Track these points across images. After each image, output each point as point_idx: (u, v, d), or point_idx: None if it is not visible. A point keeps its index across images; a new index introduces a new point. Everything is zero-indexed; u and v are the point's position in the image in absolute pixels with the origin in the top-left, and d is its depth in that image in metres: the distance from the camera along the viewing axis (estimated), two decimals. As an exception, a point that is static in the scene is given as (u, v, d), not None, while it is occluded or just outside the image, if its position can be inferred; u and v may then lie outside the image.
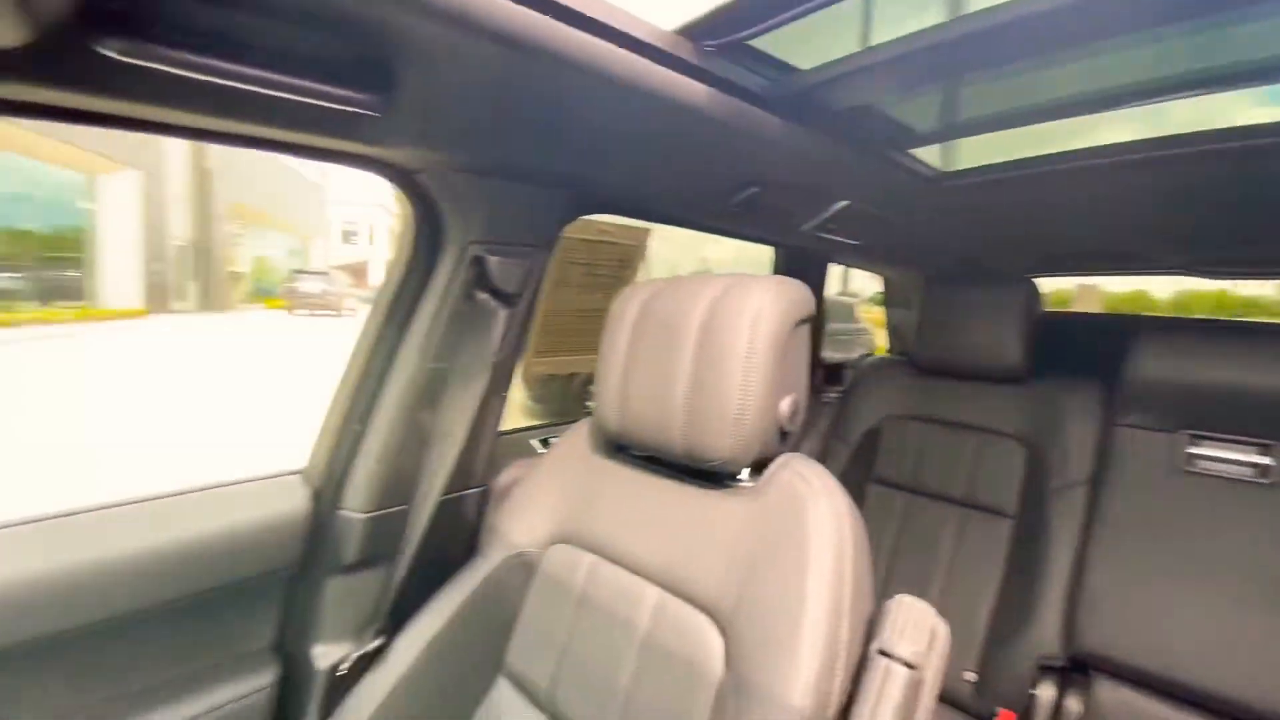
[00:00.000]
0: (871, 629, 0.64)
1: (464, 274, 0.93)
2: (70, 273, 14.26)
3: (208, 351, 10.24)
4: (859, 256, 1.84)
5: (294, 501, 0.93)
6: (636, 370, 0.81)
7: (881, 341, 2.32)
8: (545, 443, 1.29)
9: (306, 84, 0.60)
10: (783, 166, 1.00)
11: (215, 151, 17.41)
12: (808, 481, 0.69)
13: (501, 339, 0.98)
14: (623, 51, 0.68)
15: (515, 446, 1.25)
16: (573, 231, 1.04)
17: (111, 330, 11.99)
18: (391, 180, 0.86)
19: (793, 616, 0.59)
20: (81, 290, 14.43)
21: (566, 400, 1.70)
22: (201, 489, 0.91)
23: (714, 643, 0.66)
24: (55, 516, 0.79)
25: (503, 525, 0.92)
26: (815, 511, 0.65)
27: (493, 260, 0.92)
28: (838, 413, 1.66)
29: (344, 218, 35.49)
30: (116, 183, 14.51)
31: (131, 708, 0.82)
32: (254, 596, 0.92)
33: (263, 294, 23.37)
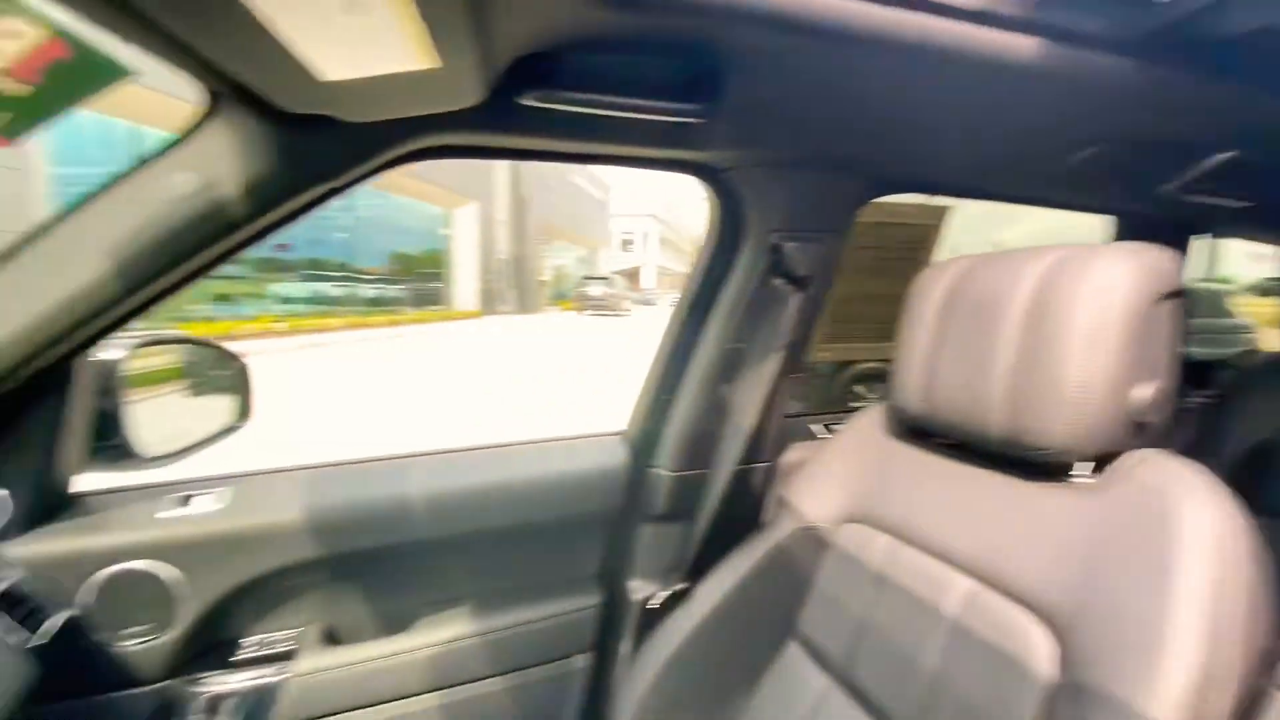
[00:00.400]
0: (1273, 663, 0.52)
1: (762, 261, 0.99)
2: (434, 284, 18.68)
3: (535, 342, 12.44)
4: (1250, 225, 1.42)
5: (616, 457, 1.12)
6: (944, 351, 0.77)
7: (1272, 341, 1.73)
8: (828, 428, 1.30)
9: (649, 103, 0.72)
10: (1137, 117, 0.84)
11: (528, 179, 21.05)
12: (1177, 478, 0.58)
13: (794, 323, 1.02)
14: (940, 20, 0.66)
15: (795, 430, 1.29)
16: (863, 215, 1.04)
17: (462, 327, 15.37)
18: (702, 179, 0.97)
19: (1153, 626, 0.51)
20: (441, 297, 18.80)
21: (830, 393, 1.67)
22: (548, 440, 1.16)
23: (1041, 643, 0.61)
24: (452, 451, 1.08)
25: (793, 499, 0.96)
26: (1185, 511, 0.55)
27: (789, 247, 0.97)
28: (1208, 421, 1.31)
29: (622, 229, 39.64)
30: (464, 213, 18.54)
31: (494, 601, 1.08)
32: (583, 532, 1.12)
33: (558, 298, 27.48)
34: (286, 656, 0.90)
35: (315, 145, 0.70)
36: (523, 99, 0.69)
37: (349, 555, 0.94)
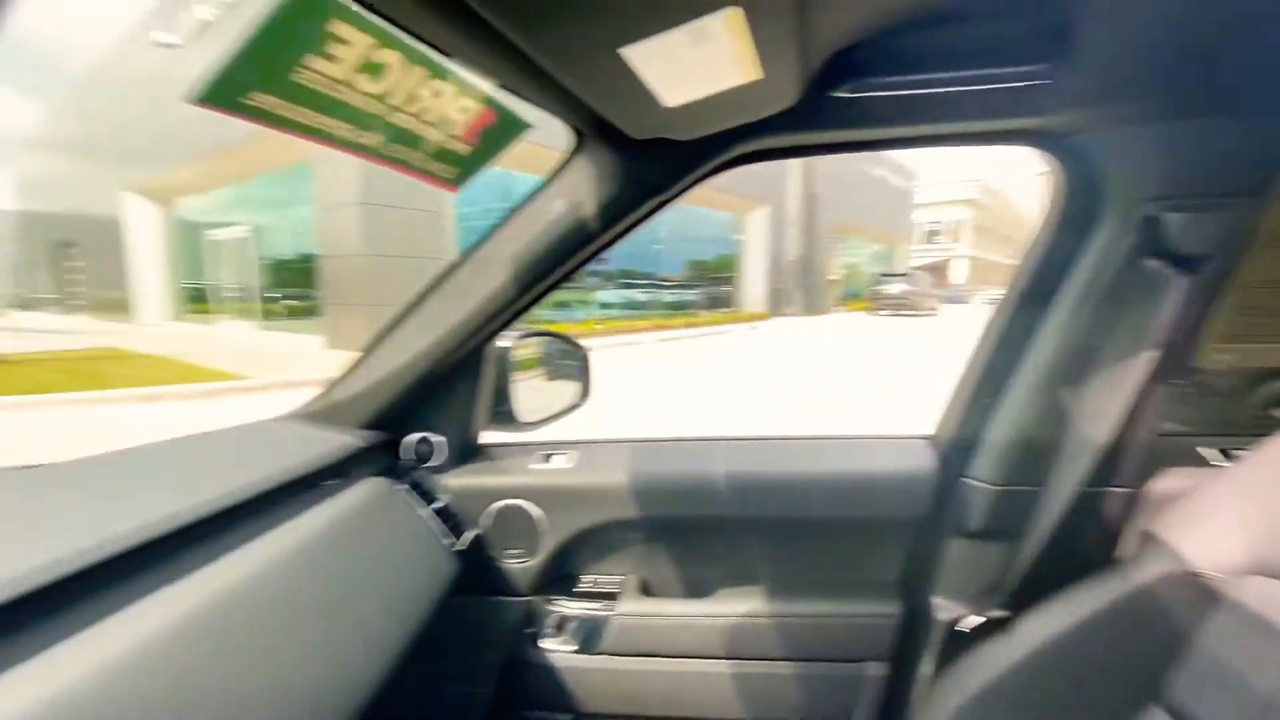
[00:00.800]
0: None
1: (1129, 238, 0.81)
2: (725, 288, 19.60)
3: (817, 342, 12.23)
4: None
5: (922, 462, 1.04)
6: None
7: None
8: (1226, 454, 0.99)
9: (981, 73, 0.66)
10: None
11: (820, 175, 20.57)
12: None
13: (1175, 315, 0.81)
14: None
15: (1173, 452, 1.01)
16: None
17: (748, 329, 15.84)
18: (1044, 148, 0.84)
19: None
20: (731, 300, 19.63)
21: (1231, 413, 1.25)
22: (850, 437, 1.13)
23: None
24: (760, 439, 1.13)
25: (1168, 536, 0.77)
26: None
27: (1172, 219, 0.77)
28: None
29: (928, 219, 35.86)
30: (755, 218, 19.02)
31: (790, 588, 1.09)
32: (883, 536, 1.07)
33: (849, 297, 26.15)
34: (612, 597, 1.07)
35: (653, 164, 0.81)
36: (837, 92, 0.70)
37: (663, 520, 1.06)
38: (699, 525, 1.08)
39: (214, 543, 0.63)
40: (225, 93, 0.53)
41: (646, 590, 1.11)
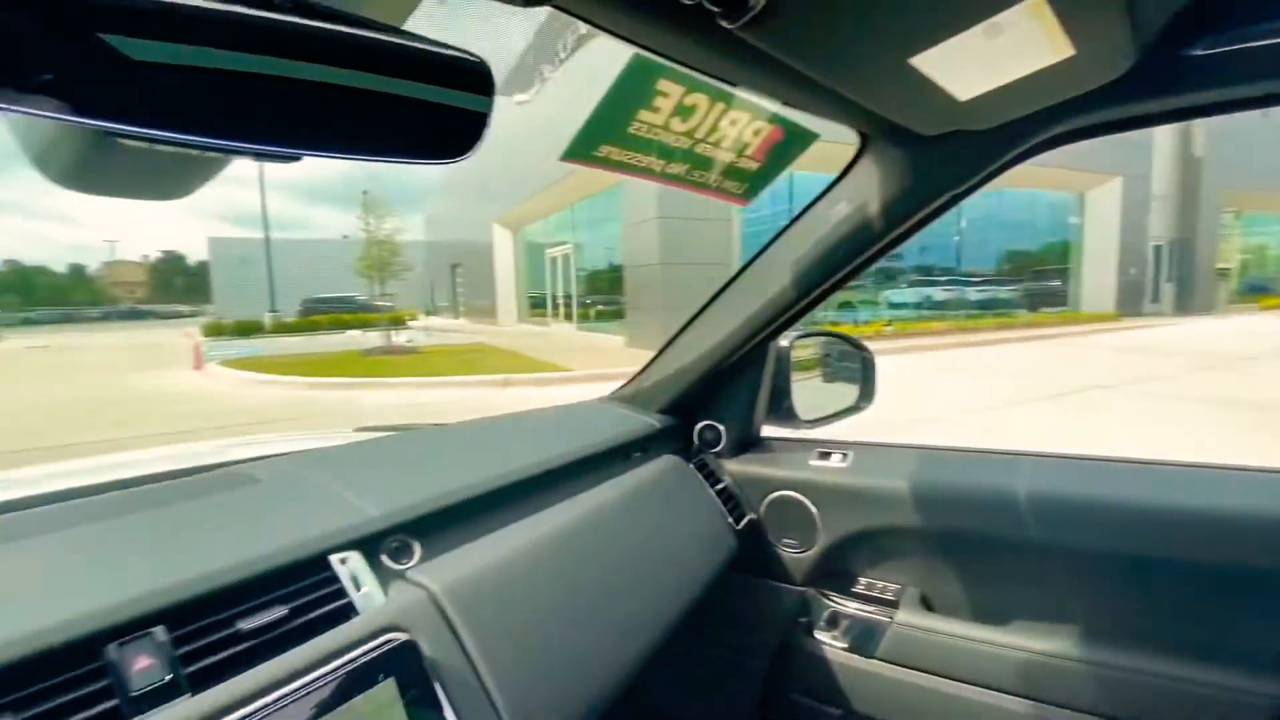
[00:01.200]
0: None
1: None
2: (1053, 283, 16.32)
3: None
4: None
5: None
6: None
7: None
8: None
9: None
10: None
11: (1203, 133, 15.68)
12: None
13: None
14: None
15: None
16: None
17: (1099, 333, 12.95)
18: None
19: None
20: (1064, 296, 16.26)
21: None
22: (1214, 466, 0.90)
23: None
24: (1082, 458, 0.97)
25: None
26: None
27: None
28: None
29: None
30: (1099, 195, 15.42)
31: (1115, 633, 0.91)
32: (1265, 594, 0.82)
33: (1251, 292, 19.31)
34: (890, 604, 1.04)
35: (946, 159, 0.79)
36: (1192, 50, 0.59)
37: (951, 534, 1.00)
38: (995, 545, 0.98)
39: (561, 487, 0.83)
40: (582, 149, 0.71)
41: (927, 604, 1.05)
